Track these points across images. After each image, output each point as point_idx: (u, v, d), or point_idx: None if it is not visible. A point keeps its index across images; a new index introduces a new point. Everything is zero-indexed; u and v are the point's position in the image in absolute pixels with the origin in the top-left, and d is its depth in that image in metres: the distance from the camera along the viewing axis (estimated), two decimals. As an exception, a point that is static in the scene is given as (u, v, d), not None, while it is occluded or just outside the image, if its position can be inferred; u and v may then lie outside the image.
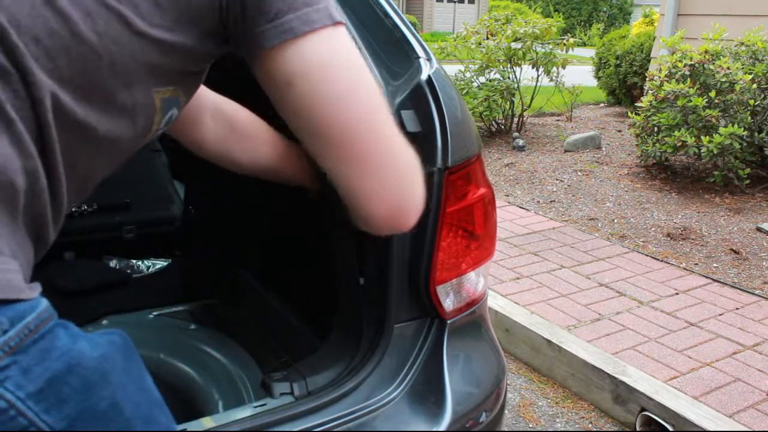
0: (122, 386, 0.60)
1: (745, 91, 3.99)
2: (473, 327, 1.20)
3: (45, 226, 0.67)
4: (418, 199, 0.82)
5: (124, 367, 0.61)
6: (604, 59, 7.48)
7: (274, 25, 0.72)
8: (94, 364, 0.58)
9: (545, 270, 3.16)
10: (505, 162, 5.11)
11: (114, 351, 0.61)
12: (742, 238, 3.57)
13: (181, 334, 1.69)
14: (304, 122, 0.75)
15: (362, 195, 0.77)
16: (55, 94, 0.64)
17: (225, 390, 1.47)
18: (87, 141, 0.69)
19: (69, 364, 0.56)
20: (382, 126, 0.77)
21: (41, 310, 0.57)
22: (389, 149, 0.77)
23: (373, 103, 0.76)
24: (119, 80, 0.69)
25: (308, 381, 1.01)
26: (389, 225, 0.80)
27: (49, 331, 0.56)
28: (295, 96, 0.74)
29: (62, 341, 0.57)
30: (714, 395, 2.17)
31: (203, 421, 0.98)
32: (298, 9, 0.72)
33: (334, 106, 0.73)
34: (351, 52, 0.76)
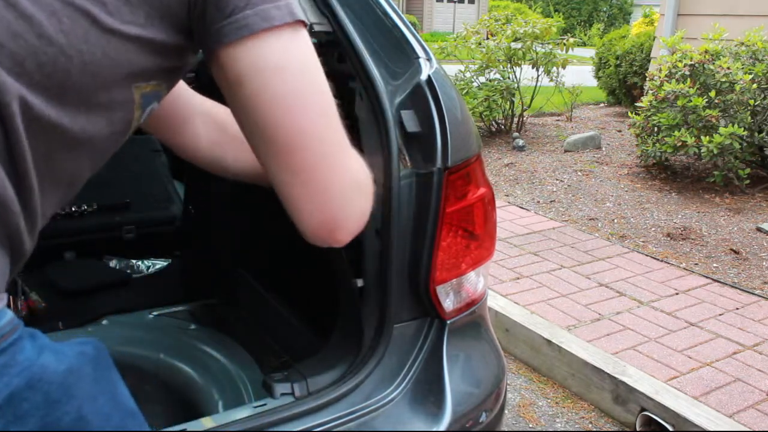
0: (90, 399, 0.59)
1: (745, 91, 3.99)
2: (473, 327, 1.20)
3: (19, 237, 0.65)
4: (357, 217, 0.78)
5: (93, 379, 0.60)
6: (604, 59, 7.48)
7: (229, 21, 0.70)
8: (58, 378, 0.56)
9: (545, 270, 3.16)
10: (505, 162, 5.11)
11: (83, 363, 0.59)
12: (742, 238, 3.57)
13: (181, 334, 1.69)
14: (251, 124, 0.73)
15: (297, 205, 0.75)
16: (23, 98, 0.62)
17: (225, 390, 1.47)
18: (62, 144, 0.67)
19: (30, 379, 0.54)
20: (329, 138, 0.74)
21: (4, 323, 0.55)
22: (332, 163, 0.74)
23: (324, 113, 0.73)
24: (92, 79, 0.67)
25: (309, 381, 1.01)
26: (320, 238, 0.78)
27: (12, 345, 0.55)
28: (245, 96, 0.71)
29: (25, 354, 0.55)
30: (714, 395, 2.17)
31: (203, 421, 0.98)
32: (257, 5, 0.70)
33: (281, 111, 0.71)
34: (307, 57, 0.73)
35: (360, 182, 0.78)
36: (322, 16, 1.09)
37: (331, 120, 0.74)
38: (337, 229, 0.77)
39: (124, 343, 1.59)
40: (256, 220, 1.66)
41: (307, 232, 0.77)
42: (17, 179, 0.63)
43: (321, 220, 0.75)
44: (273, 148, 0.73)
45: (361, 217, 0.79)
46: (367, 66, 1.06)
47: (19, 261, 0.67)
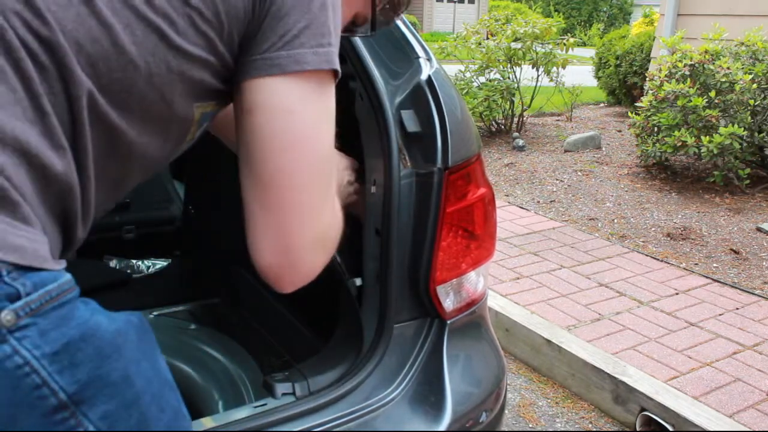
0: (135, 361, 0.63)
1: (745, 91, 3.99)
2: (473, 327, 1.20)
3: (74, 222, 0.69)
4: (307, 272, 0.79)
5: (138, 345, 0.64)
6: (604, 59, 7.48)
7: (263, 57, 0.72)
8: (109, 336, 0.61)
9: (545, 270, 3.16)
10: (505, 162, 5.11)
11: (130, 328, 0.64)
12: (742, 238, 3.57)
13: (181, 334, 1.69)
14: (244, 149, 0.75)
15: (255, 239, 0.76)
16: (92, 95, 0.66)
17: (225, 390, 1.47)
18: (119, 145, 0.71)
19: (84, 333, 0.59)
20: (310, 191, 0.75)
21: (63, 281, 0.60)
22: (303, 215, 0.75)
23: (316, 166, 0.75)
24: (156, 91, 0.71)
25: (310, 381, 1.01)
26: (268, 275, 0.79)
27: (69, 302, 0.59)
28: (248, 123, 0.74)
29: (81, 312, 0.60)
30: (714, 395, 2.17)
31: (203, 421, 0.98)
32: (294, 47, 0.72)
33: (274, 149, 0.73)
34: (322, 109, 0.75)
35: (325, 239, 0.79)
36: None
37: (319, 173, 0.75)
38: (283, 278, 0.78)
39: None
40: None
41: (258, 268, 0.78)
42: (79, 168, 0.67)
43: (274, 264, 0.77)
44: (254, 178, 0.75)
45: (312, 273, 0.80)
46: (368, 66, 1.06)
47: (70, 248, 0.71)
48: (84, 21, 0.66)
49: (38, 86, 0.63)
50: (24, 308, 0.56)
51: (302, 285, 0.80)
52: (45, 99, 0.63)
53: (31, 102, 0.63)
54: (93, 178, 0.70)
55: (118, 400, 0.61)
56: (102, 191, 0.73)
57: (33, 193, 0.63)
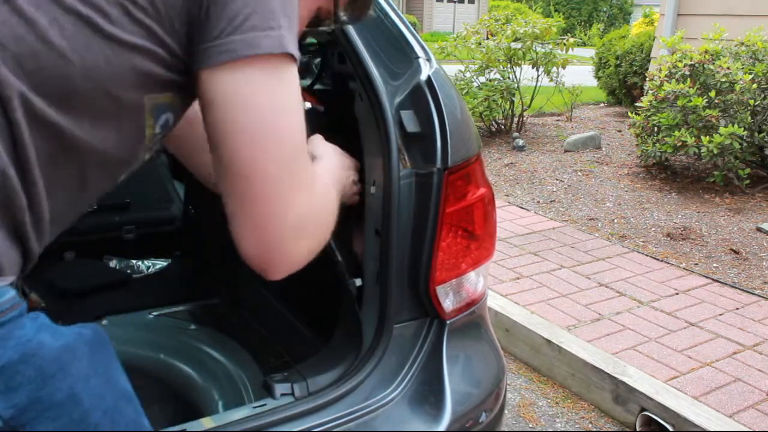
0: (83, 378, 0.60)
1: (745, 91, 3.99)
2: (473, 327, 1.20)
3: (25, 233, 0.66)
4: (293, 259, 0.78)
5: (89, 360, 0.61)
6: (604, 59, 7.48)
7: (214, 44, 0.69)
8: (53, 354, 0.58)
9: (545, 270, 3.16)
10: (505, 162, 5.11)
11: (79, 343, 0.61)
12: (742, 238, 3.57)
13: (181, 334, 1.69)
14: (213, 143, 0.74)
15: (237, 232, 0.75)
16: (24, 96, 0.63)
17: (225, 390, 1.47)
18: (67, 146, 0.68)
19: (24, 354, 0.57)
20: (280, 178, 0.73)
21: (5, 299, 0.57)
22: (277, 203, 0.74)
23: (284, 153, 0.73)
24: (96, 85, 0.68)
25: (309, 382, 1.01)
26: (255, 266, 0.78)
27: (11, 321, 0.57)
28: (211, 117, 0.72)
29: (23, 331, 0.57)
30: (714, 395, 2.17)
31: (203, 421, 0.98)
32: (245, 31, 0.69)
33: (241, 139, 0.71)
34: (283, 94, 0.72)
35: (304, 226, 0.77)
36: (321, 16, 1.09)
37: (288, 162, 0.73)
38: (271, 267, 0.77)
39: (124, 343, 1.59)
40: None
41: (246, 258, 0.77)
42: (22, 173, 0.64)
43: (257, 255, 0.76)
44: (227, 172, 0.73)
45: (299, 261, 0.79)
46: (367, 66, 1.06)
47: (28, 261, 0.68)
48: (5, 20, 0.63)
49: None
50: None
51: (292, 271, 0.79)
52: None
53: None
54: (42, 185, 0.66)
55: (64, 420, 0.59)
56: (59, 197, 0.70)
57: None
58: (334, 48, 1.13)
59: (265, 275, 0.79)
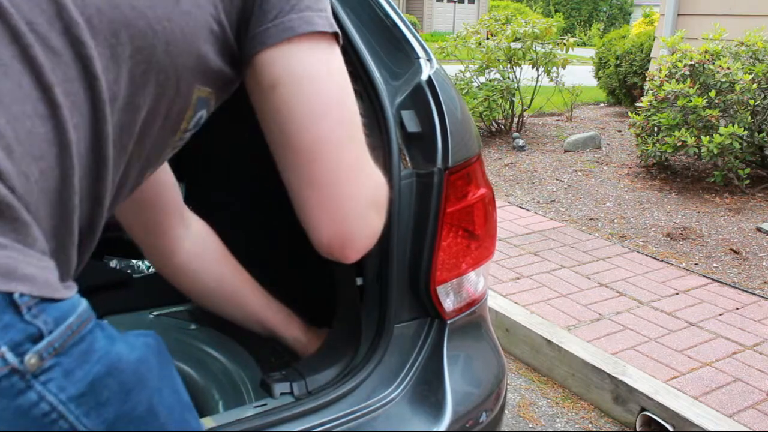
0: (158, 390, 0.60)
1: (745, 91, 3.99)
2: (473, 327, 1.20)
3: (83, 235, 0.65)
4: (369, 235, 0.78)
5: (159, 371, 0.61)
6: (604, 59, 7.48)
7: (274, 24, 0.70)
8: (132, 367, 0.57)
9: (545, 270, 3.16)
10: (505, 162, 5.11)
11: (150, 354, 0.60)
12: (742, 238, 3.57)
13: (181, 334, 1.69)
14: (277, 130, 0.73)
15: (311, 217, 0.75)
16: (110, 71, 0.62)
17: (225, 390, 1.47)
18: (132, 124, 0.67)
19: (108, 367, 0.55)
20: (351, 153, 0.74)
21: (82, 310, 0.56)
22: (351, 178, 0.74)
23: (349, 127, 0.73)
24: (171, 62, 0.67)
25: (308, 381, 1.01)
26: (330, 253, 0.78)
27: (89, 333, 0.55)
28: (275, 101, 0.71)
29: (101, 343, 0.56)
30: (714, 395, 2.17)
31: (203, 421, 0.98)
32: (302, 10, 0.71)
33: (308, 118, 0.71)
34: (342, 72, 0.74)
35: (377, 200, 0.78)
36: (322, 16, 1.09)
37: (355, 135, 0.74)
38: (348, 247, 0.77)
39: (125, 343, 1.59)
40: (257, 220, 1.66)
41: (319, 245, 0.77)
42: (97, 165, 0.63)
43: (333, 235, 0.75)
44: (294, 155, 0.73)
45: (373, 236, 0.79)
46: (368, 66, 1.06)
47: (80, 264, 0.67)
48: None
49: (50, 76, 0.58)
50: (47, 348, 0.51)
51: (367, 250, 0.79)
52: (59, 89, 0.58)
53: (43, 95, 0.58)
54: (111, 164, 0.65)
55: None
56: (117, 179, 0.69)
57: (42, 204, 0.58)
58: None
59: (343, 258, 0.78)
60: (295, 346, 1.19)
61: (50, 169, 0.58)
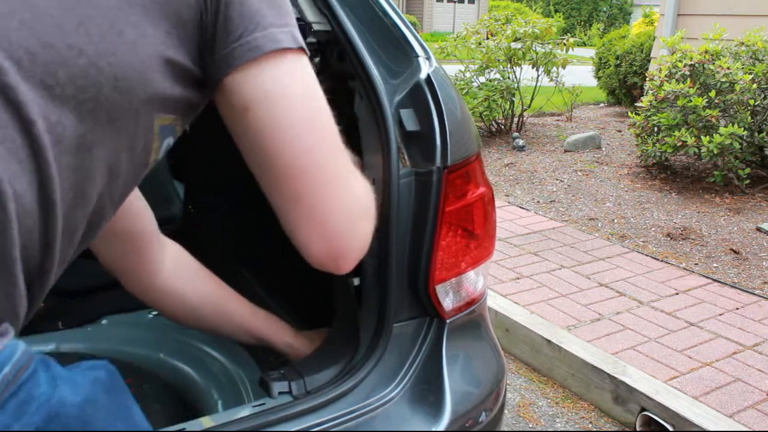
0: (109, 427, 0.58)
1: (745, 91, 3.99)
2: (473, 326, 1.20)
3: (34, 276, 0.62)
4: (360, 244, 0.78)
5: (108, 407, 0.59)
6: (604, 59, 7.48)
7: (240, 44, 0.69)
8: (75, 411, 0.55)
9: (545, 270, 3.16)
10: (505, 162, 5.11)
11: (97, 391, 0.58)
12: (742, 238, 3.57)
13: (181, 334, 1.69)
14: (255, 151, 0.72)
15: (300, 234, 0.74)
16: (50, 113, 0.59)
17: (224, 390, 1.47)
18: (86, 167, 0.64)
19: (49, 415, 0.53)
20: (332, 165, 0.73)
21: (18, 357, 0.53)
22: (335, 190, 0.73)
23: (326, 139, 0.73)
24: (122, 97, 0.65)
25: (306, 380, 1.01)
26: (323, 265, 0.77)
27: (28, 380, 0.53)
28: (249, 123, 0.70)
29: (41, 389, 0.53)
30: (714, 395, 2.17)
31: (203, 420, 0.98)
32: (265, 28, 0.70)
33: (285, 137, 0.70)
34: (311, 84, 0.73)
35: (364, 208, 0.78)
36: (321, 15, 1.09)
37: (333, 147, 0.73)
38: (341, 258, 0.76)
39: (124, 343, 1.59)
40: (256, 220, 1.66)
41: (311, 260, 0.76)
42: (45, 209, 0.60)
43: (324, 250, 0.75)
44: (276, 175, 0.72)
45: (364, 245, 0.79)
46: (367, 65, 1.06)
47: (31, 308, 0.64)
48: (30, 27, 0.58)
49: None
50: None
51: (361, 257, 0.79)
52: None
53: None
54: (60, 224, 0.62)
55: None
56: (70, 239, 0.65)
57: None
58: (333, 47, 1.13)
59: (337, 270, 0.78)
60: (287, 351, 1.18)
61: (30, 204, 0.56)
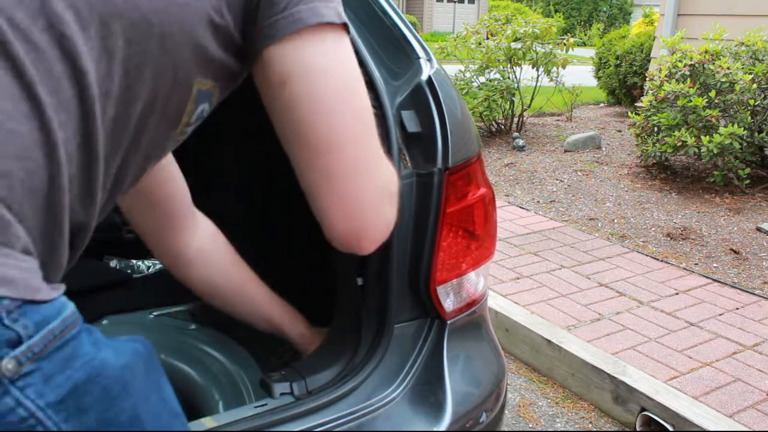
0: (144, 397, 0.59)
1: (745, 91, 3.99)
2: (473, 327, 1.20)
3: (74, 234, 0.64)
4: (384, 227, 0.78)
5: (145, 378, 0.60)
6: (604, 59, 7.48)
7: (283, 16, 0.69)
8: (117, 374, 0.56)
9: (545, 270, 3.16)
10: (505, 162, 5.11)
11: (137, 360, 0.59)
12: (742, 238, 3.57)
13: (181, 334, 1.69)
14: (290, 125, 0.72)
15: (326, 210, 0.74)
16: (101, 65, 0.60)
17: (225, 390, 1.47)
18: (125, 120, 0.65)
19: (91, 374, 0.54)
20: (365, 144, 0.73)
21: (66, 314, 0.54)
22: (365, 170, 0.73)
23: (362, 118, 0.73)
24: (167, 55, 0.65)
25: (308, 381, 1.01)
26: (346, 245, 0.77)
27: (73, 338, 0.54)
28: (287, 95, 0.70)
29: (86, 349, 0.55)
30: (714, 395, 2.17)
31: (204, 421, 0.98)
32: (310, 1, 0.70)
33: (322, 111, 0.70)
34: (352, 62, 0.73)
35: (390, 191, 0.78)
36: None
37: (367, 126, 0.74)
38: (364, 238, 0.77)
39: (125, 343, 1.59)
40: (257, 220, 1.66)
41: (334, 238, 0.76)
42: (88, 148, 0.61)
43: (349, 228, 0.75)
44: (309, 150, 0.72)
45: (388, 227, 0.79)
46: (368, 66, 1.06)
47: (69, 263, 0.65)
48: None
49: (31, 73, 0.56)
50: (26, 353, 0.50)
51: (381, 242, 0.79)
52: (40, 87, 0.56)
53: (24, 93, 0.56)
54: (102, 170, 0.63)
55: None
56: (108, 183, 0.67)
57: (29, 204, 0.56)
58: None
59: (359, 249, 0.78)
60: (300, 341, 1.19)
61: (37, 169, 0.57)
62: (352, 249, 0.78)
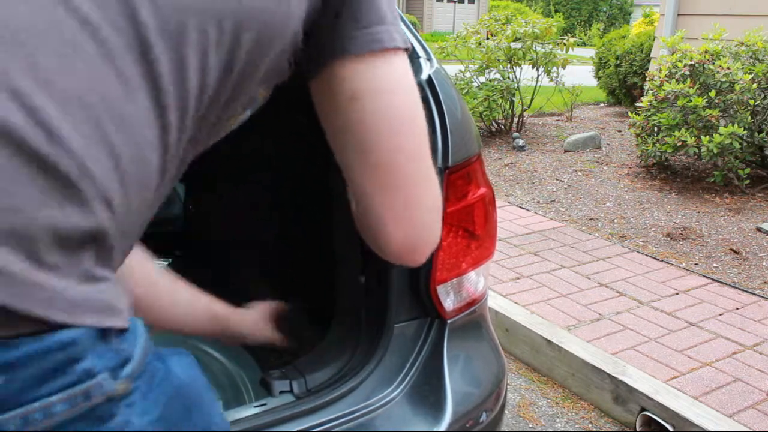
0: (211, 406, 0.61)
1: (745, 91, 3.99)
2: (473, 327, 1.20)
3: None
4: (434, 241, 0.80)
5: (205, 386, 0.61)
6: (604, 59, 7.49)
7: (365, 33, 0.70)
8: (190, 387, 0.58)
9: (545, 270, 3.16)
10: (505, 162, 5.11)
11: (199, 372, 0.61)
12: (742, 238, 3.57)
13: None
14: (353, 138, 0.73)
15: (384, 224, 0.76)
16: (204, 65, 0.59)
17: (225, 390, 1.47)
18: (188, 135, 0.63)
19: (174, 388, 0.56)
20: (425, 164, 0.76)
21: (143, 329, 0.55)
22: (424, 187, 0.76)
23: (423, 136, 0.76)
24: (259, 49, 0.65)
25: (308, 379, 1.01)
26: (402, 257, 0.79)
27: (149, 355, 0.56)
28: (356, 111, 0.71)
29: (156, 364, 0.55)
30: (714, 395, 2.17)
31: (204, 420, 0.98)
32: (387, 24, 0.71)
33: (390, 131, 0.72)
34: (414, 83, 0.75)
35: (439, 207, 0.80)
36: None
37: (426, 144, 0.76)
38: (420, 252, 0.79)
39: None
40: (257, 220, 1.66)
41: (388, 250, 0.78)
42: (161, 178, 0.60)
43: (404, 241, 0.77)
44: (371, 165, 0.73)
45: (436, 241, 0.81)
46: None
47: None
48: None
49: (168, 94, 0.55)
50: (133, 373, 0.51)
51: (429, 255, 0.81)
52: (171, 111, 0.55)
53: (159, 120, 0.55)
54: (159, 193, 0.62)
55: None
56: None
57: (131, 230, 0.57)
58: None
59: (412, 262, 0.80)
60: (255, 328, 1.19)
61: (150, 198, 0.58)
62: (405, 262, 0.80)
